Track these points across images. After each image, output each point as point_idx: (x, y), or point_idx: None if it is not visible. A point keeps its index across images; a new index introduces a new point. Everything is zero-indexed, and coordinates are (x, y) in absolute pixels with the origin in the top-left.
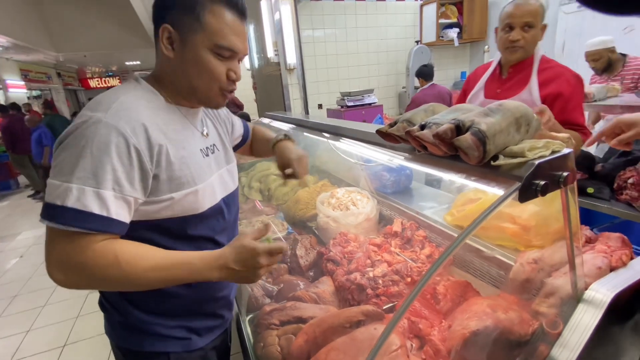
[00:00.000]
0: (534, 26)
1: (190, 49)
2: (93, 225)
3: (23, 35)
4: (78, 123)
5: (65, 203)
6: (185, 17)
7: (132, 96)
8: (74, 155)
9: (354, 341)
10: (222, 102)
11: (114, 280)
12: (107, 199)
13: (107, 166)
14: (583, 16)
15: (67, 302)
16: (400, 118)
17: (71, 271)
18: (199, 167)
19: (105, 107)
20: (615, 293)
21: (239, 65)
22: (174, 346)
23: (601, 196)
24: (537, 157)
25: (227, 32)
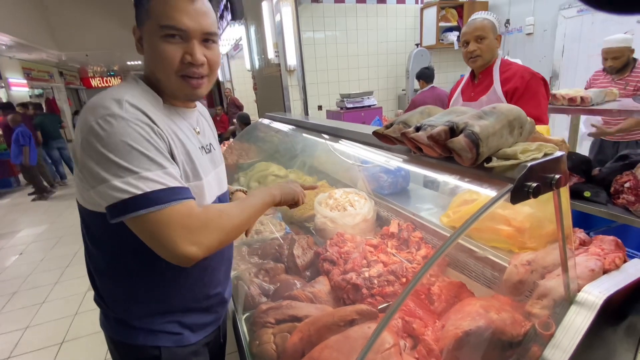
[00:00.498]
0: (486, 37)
1: (146, 41)
2: (186, 194)
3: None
4: (100, 124)
5: (152, 188)
6: (140, 13)
7: (137, 93)
8: (119, 151)
9: (348, 339)
10: (192, 91)
11: (228, 226)
12: (175, 175)
13: (153, 150)
14: (582, 21)
15: (66, 300)
16: (396, 120)
17: (198, 232)
18: (202, 163)
19: (118, 104)
20: (607, 295)
21: (198, 47)
22: (165, 341)
23: (598, 200)
24: (529, 160)
25: (170, 11)
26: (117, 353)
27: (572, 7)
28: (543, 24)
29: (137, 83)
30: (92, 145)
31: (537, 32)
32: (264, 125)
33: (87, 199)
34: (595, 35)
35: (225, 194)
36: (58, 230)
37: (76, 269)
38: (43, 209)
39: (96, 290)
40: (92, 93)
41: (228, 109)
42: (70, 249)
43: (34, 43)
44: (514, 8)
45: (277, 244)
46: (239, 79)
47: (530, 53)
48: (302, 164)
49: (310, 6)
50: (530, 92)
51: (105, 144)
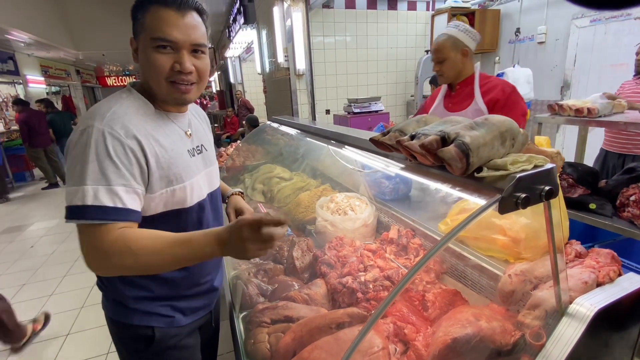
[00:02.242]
0: (446, 58)
1: (141, 52)
2: (111, 216)
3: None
4: (78, 133)
5: (85, 202)
6: (136, 25)
7: (124, 105)
8: (81, 161)
9: (337, 341)
10: (181, 96)
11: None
12: (119, 193)
13: (111, 166)
14: (595, 31)
15: (73, 293)
16: (393, 127)
17: (99, 259)
18: (187, 167)
19: (100, 117)
20: (598, 308)
21: (187, 57)
22: (158, 322)
23: (603, 212)
24: (519, 171)
25: (161, 24)
26: (116, 331)
27: (585, 16)
28: (555, 33)
29: (129, 92)
30: (70, 149)
31: (549, 41)
32: (271, 128)
33: None
34: (607, 45)
35: (216, 190)
36: (69, 225)
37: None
38: (55, 203)
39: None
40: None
41: (239, 111)
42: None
43: (53, 41)
44: (526, 16)
45: (277, 245)
46: (250, 82)
47: (541, 62)
48: (306, 167)
49: (321, 11)
50: (510, 103)
51: (73, 152)
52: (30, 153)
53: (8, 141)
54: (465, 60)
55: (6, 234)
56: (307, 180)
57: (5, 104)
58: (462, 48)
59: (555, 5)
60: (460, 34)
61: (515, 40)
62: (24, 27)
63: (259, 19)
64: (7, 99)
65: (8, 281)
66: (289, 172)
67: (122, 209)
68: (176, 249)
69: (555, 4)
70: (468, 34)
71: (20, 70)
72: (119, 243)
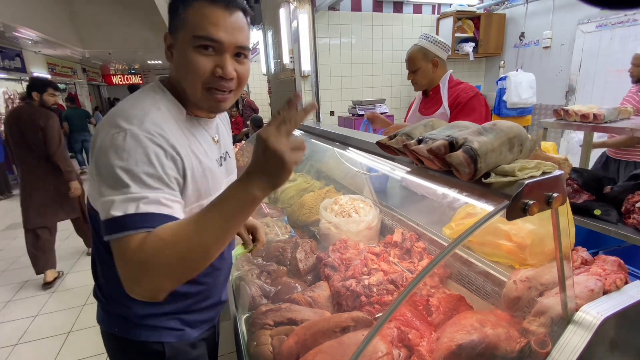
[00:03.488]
0: (417, 68)
1: (178, 50)
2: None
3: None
4: (111, 136)
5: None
6: (174, 20)
7: (161, 110)
8: (121, 168)
9: (341, 345)
10: (216, 105)
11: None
12: (161, 200)
13: (154, 173)
14: (601, 36)
15: (75, 291)
16: (400, 131)
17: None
18: (215, 178)
19: (138, 121)
20: (605, 316)
21: (229, 61)
22: (168, 336)
23: (608, 219)
24: (527, 177)
25: (205, 22)
26: (118, 347)
27: (591, 22)
28: (561, 37)
29: (163, 93)
30: (104, 154)
31: (554, 45)
32: None
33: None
34: (613, 51)
35: None
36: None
37: (87, 261)
38: None
39: (98, 284)
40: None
41: (243, 111)
42: (82, 241)
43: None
44: (531, 21)
45: (281, 246)
46: (255, 82)
47: (546, 66)
48: (310, 169)
49: (327, 13)
50: (468, 109)
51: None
52: None
53: None
54: (436, 69)
55: (10, 230)
56: (311, 182)
57: (11, 101)
58: (433, 59)
59: (561, 10)
60: (430, 45)
61: (520, 44)
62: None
63: (265, 20)
64: (13, 96)
65: (11, 277)
66: (293, 173)
67: (168, 216)
68: (214, 212)
69: (561, 9)
70: (438, 44)
71: (27, 67)
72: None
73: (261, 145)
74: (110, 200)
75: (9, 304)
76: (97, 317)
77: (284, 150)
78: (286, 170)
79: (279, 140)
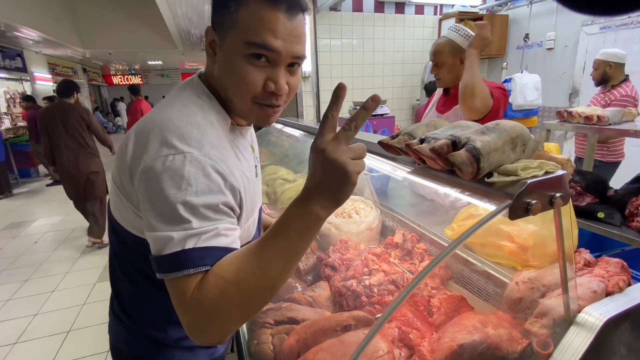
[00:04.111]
0: (444, 62)
1: (225, 53)
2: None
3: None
4: (170, 159)
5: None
6: (222, 17)
7: (214, 125)
8: (181, 201)
9: (342, 344)
10: (265, 120)
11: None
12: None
13: (215, 204)
14: (605, 38)
15: (75, 289)
16: (402, 131)
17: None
18: (257, 193)
19: (199, 143)
20: (608, 318)
21: (283, 73)
22: (203, 355)
23: (612, 222)
24: (529, 177)
25: (261, 27)
26: None
27: (594, 23)
28: (564, 39)
29: (210, 101)
30: (157, 180)
31: (558, 47)
32: (276, 129)
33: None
34: None
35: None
36: (72, 222)
37: (87, 260)
38: (59, 200)
39: (121, 303)
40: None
41: None
42: (83, 240)
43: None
44: (535, 22)
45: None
46: None
47: (550, 68)
48: None
49: (328, 14)
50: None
51: (167, 185)
52: (36, 149)
53: (14, 137)
54: (463, 66)
55: (10, 230)
56: None
57: (12, 101)
58: (461, 55)
59: (565, 12)
60: (460, 39)
61: (524, 46)
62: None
63: None
64: (14, 96)
65: (11, 277)
66: (293, 173)
67: (227, 248)
68: (276, 241)
69: (564, 10)
70: (469, 39)
71: (28, 67)
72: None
73: (319, 158)
74: (166, 236)
75: (9, 303)
76: (115, 339)
77: (346, 161)
78: (350, 183)
79: (339, 150)
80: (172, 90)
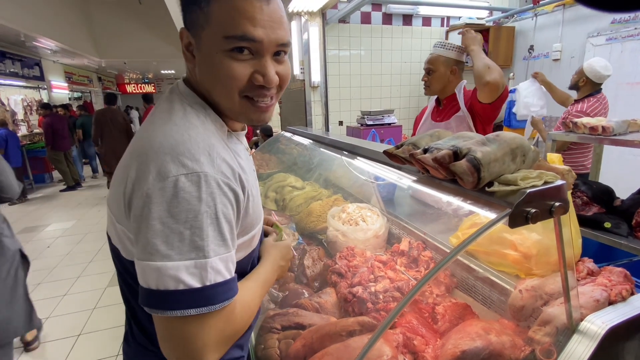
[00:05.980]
0: (435, 70)
1: (203, 53)
2: (235, 289)
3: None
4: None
5: (206, 282)
6: (194, 14)
7: (215, 132)
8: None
9: (347, 348)
10: (259, 116)
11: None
12: (233, 258)
13: (227, 227)
14: (611, 49)
15: (87, 294)
16: (406, 141)
17: (226, 343)
18: (259, 203)
19: (208, 156)
20: (610, 326)
21: (270, 63)
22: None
23: (619, 232)
24: (529, 186)
25: (238, 17)
26: None
27: (601, 35)
28: (570, 50)
29: (205, 113)
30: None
31: (564, 58)
32: (285, 137)
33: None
34: (624, 64)
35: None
36: (84, 227)
37: (98, 265)
38: (72, 205)
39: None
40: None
41: None
42: (94, 245)
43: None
44: (541, 34)
45: None
46: None
47: (556, 79)
48: (319, 177)
49: (337, 26)
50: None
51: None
52: (52, 155)
53: (30, 144)
54: (453, 77)
55: (24, 234)
56: (319, 190)
57: (29, 108)
58: (452, 67)
59: (571, 23)
60: (447, 51)
61: (529, 57)
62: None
63: None
64: (31, 103)
65: None
66: (301, 181)
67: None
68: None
69: (570, 22)
70: (456, 50)
71: (45, 76)
72: (243, 311)
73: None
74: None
75: None
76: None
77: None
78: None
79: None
80: (160, 102)
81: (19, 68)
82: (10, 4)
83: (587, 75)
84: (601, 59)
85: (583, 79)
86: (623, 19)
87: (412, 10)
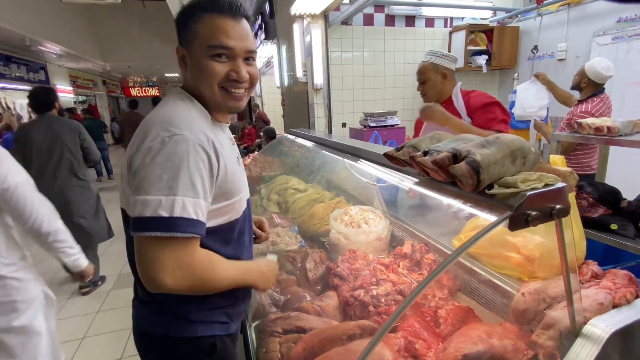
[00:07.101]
0: (427, 79)
1: (193, 60)
2: (197, 229)
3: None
4: (161, 140)
5: (173, 214)
6: (186, 34)
7: (201, 117)
8: (171, 170)
9: (348, 352)
10: (235, 103)
11: (206, 281)
12: (202, 207)
13: (199, 179)
14: (617, 48)
15: (91, 296)
16: (407, 143)
17: (181, 274)
18: (240, 177)
19: (188, 126)
20: (614, 330)
21: (242, 65)
22: (219, 330)
23: (625, 234)
24: (529, 189)
25: (216, 32)
26: (170, 349)
27: (606, 34)
28: (576, 50)
29: (192, 102)
30: (154, 155)
31: (569, 58)
32: (288, 140)
33: None
34: (630, 63)
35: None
36: None
37: (104, 267)
38: None
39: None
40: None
41: (256, 123)
42: (101, 246)
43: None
44: (546, 33)
45: (291, 256)
46: (269, 95)
47: (561, 78)
48: (321, 179)
49: (339, 28)
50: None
51: (159, 160)
52: None
53: None
54: (445, 81)
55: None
56: (321, 192)
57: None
58: (442, 71)
59: (576, 22)
60: (438, 59)
61: (534, 57)
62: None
63: (279, 35)
64: None
65: None
66: (304, 183)
67: (202, 223)
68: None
69: (575, 21)
70: (445, 57)
71: (50, 80)
72: (206, 260)
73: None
74: (155, 199)
75: None
76: (141, 324)
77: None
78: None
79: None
80: (163, 99)
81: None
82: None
83: (588, 76)
84: (603, 60)
85: (585, 79)
86: (629, 18)
87: (415, 12)
